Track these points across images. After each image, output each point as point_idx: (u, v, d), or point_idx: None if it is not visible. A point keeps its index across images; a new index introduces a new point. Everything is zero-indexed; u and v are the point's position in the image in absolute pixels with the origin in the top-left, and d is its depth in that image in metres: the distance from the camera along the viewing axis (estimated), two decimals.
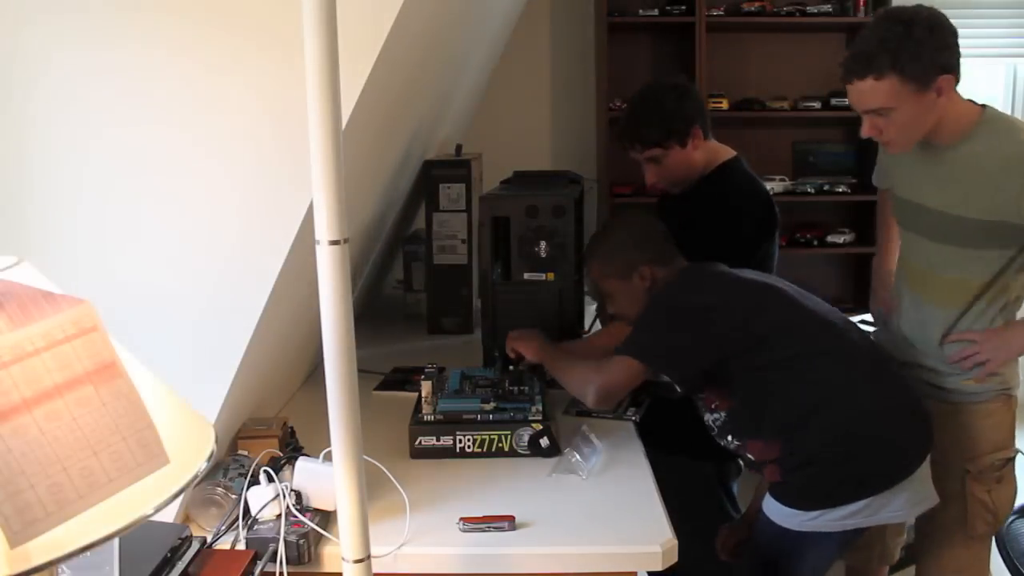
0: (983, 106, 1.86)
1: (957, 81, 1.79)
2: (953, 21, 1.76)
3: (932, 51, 1.72)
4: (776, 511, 1.82)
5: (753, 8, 4.01)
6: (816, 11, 4.03)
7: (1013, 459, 2.00)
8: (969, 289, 1.90)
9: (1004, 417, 1.99)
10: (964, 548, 2.02)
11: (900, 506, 1.79)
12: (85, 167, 1.40)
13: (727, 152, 2.37)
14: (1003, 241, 1.85)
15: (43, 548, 0.66)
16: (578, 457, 1.76)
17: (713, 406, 1.92)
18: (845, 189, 4.05)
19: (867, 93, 1.77)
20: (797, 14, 4.01)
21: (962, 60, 1.79)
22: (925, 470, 1.82)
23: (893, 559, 2.33)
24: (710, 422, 1.95)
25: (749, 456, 1.91)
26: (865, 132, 1.85)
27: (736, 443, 1.91)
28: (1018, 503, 2.12)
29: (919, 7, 1.78)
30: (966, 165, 1.82)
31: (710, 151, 2.34)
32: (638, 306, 1.95)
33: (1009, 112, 4.30)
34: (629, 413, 2.05)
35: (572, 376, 1.93)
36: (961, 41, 1.78)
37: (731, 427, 1.90)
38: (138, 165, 1.40)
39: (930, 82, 1.74)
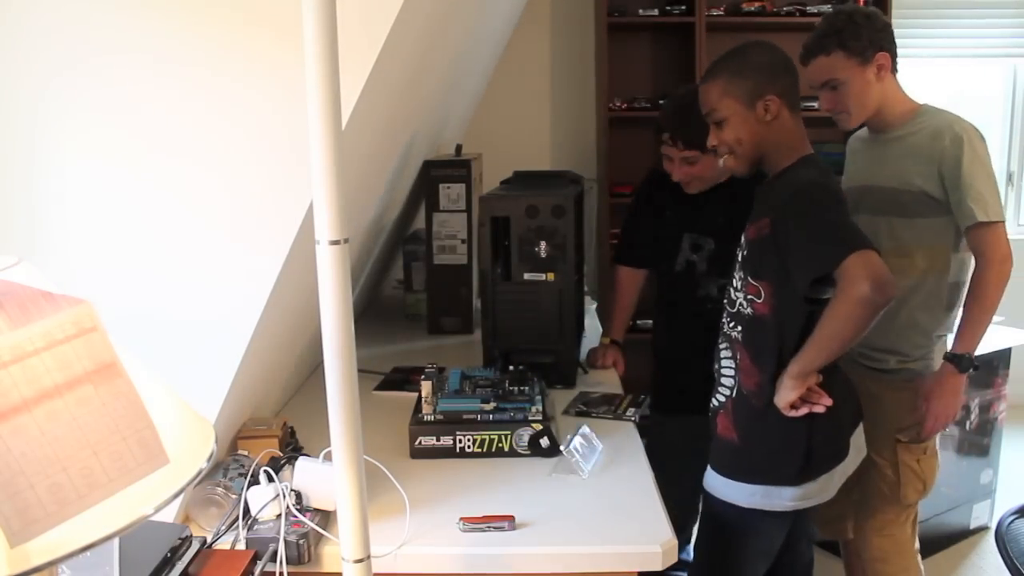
0: (923, 104, 2.19)
1: (894, 67, 2.14)
2: (953, 21, 1.85)
3: (870, 32, 2.10)
4: (719, 485, 1.80)
5: (753, 8, 4.02)
6: (816, 11, 4.01)
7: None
8: (913, 258, 2.11)
9: None
10: (895, 508, 2.25)
11: (833, 487, 1.88)
12: (83, 167, 1.39)
13: None
14: (934, 211, 2.08)
15: (43, 548, 0.66)
16: (578, 457, 1.76)
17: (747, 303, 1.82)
18: None
19: (822, 69, 2.14)
20: (797, 14, 4.01)
21: (961, 60, 1.87)
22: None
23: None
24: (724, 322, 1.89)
25: (722, 386, 1.86)
26: (822, 105, 2.19)
27: (727, 362, 1.85)
28: (1020, 503, 2.12)
29: (858, 5, 2.16)
30: (904, 143, 2.13)
31: None
32: (747, 139, 1.80)
33: (1009, 112, 4.37)
34: (629, 413, 2.05)
35: (825, 333, 1.69)
36: (961, 41, 1.89)
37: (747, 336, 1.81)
38: (138, 165, 1.40)
39: (870, 57, 2.10)
